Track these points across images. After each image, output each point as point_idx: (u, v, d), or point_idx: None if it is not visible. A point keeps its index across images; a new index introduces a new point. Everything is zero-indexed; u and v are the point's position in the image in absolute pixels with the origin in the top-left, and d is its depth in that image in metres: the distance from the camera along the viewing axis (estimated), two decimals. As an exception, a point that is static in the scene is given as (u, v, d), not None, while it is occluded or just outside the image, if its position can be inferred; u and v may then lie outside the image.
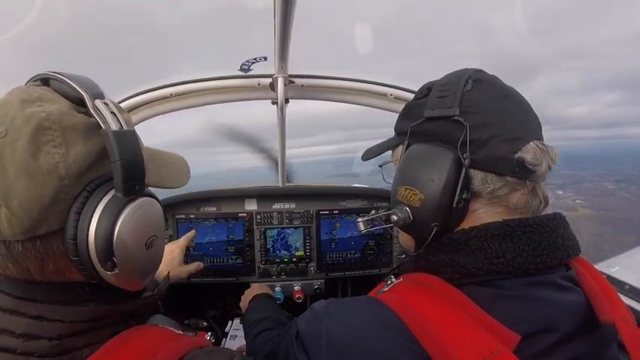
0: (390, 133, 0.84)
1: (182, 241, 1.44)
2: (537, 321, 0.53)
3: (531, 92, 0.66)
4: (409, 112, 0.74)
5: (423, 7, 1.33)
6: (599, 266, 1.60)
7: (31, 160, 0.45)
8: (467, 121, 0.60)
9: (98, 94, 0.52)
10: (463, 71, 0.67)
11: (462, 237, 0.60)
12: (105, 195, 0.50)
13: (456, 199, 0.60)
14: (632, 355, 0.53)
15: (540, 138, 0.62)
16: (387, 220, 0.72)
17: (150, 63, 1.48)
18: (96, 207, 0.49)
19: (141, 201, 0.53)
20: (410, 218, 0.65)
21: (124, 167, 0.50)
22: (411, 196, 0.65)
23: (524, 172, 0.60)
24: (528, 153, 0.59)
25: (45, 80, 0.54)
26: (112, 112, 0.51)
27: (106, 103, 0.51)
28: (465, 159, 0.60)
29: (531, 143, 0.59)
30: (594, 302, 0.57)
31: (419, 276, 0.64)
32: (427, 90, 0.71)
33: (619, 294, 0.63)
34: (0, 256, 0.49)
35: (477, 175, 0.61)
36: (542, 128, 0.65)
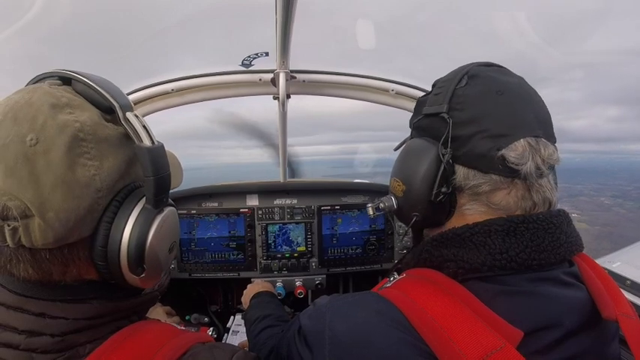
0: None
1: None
2: (540, 317, 0.53)
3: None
4: (416, 109, 0.76)
5: (424, 7, 1.32)
6: (600, 261, 1.60)
7: (68, 172, 0.46)
8: (452, 117, 0.61)
9: (127, 106, 0.53)
10: (463, 67, 0.67)
11: (465, 232, 0.60)
12: (135, 206, 0.53)
13: (434, 192, 0.61)
14: (634, 352, 0.53)
15: (538, 135, 0.59)
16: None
17: (151, 58, 1.47)
18: (128, 218, 0.52)
19: (167, 211, 0.57)
20: (394, 207, 0.70)
21: (156, 182, 0.52)
22: (396, 187, 0.69)
23: (508, 171, 0.58)
24: (513, 150, 0.57)
25: (64, 79, 0.54)
26: (143, 126, 0.52)
27: (136, 115, 0.52)
28: (444, 154, 0.60)
29: (521, 140, 0.57)
30: (597, 298, 0.57)
31: (422, 271, 0.64)
32: (432, 87, 0.72)
33: (621, 289, 0.63)
34: (21, 262, 0.48)
35: (460, 171, 0.61)
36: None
